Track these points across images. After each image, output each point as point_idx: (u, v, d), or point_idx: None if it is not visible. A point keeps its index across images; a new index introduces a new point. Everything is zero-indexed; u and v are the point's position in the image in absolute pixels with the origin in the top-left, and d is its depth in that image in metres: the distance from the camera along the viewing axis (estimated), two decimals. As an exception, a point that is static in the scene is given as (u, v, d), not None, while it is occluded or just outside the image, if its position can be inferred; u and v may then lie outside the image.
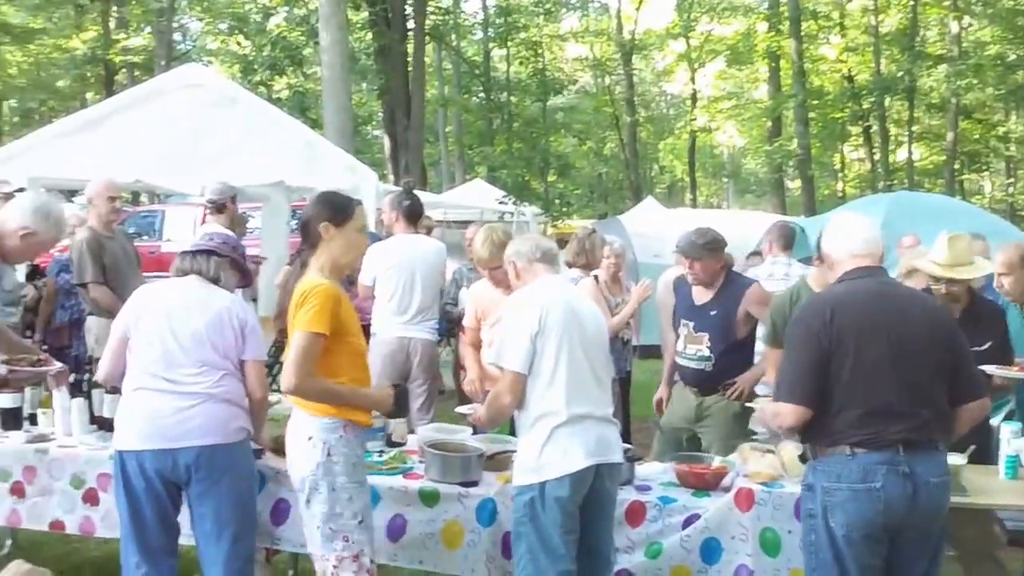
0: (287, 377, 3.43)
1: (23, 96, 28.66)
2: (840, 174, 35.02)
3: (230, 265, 3.92)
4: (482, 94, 28.69)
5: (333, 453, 3.45)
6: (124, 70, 29.30)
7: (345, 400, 3.52)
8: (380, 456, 4.05)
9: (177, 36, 31.28)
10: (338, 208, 3.61)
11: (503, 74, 29.73)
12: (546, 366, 3.50)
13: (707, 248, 5.05)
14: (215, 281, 3.86)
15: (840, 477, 3.20)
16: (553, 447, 3.46)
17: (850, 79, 29.71)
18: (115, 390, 4.31)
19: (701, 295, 5.12)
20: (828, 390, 3.24)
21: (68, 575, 4.84)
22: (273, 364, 5.91)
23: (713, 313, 5.02)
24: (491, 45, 29.60)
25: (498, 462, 4.00)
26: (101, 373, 3.92)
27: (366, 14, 21.55)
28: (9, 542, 5.06)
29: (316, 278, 3.52)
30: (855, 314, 3.28)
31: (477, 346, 5.16)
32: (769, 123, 31.25)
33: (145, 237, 15.47)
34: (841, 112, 29.42)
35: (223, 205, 6.61)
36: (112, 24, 28.83)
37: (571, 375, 3.50)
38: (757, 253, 8.17)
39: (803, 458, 3.48)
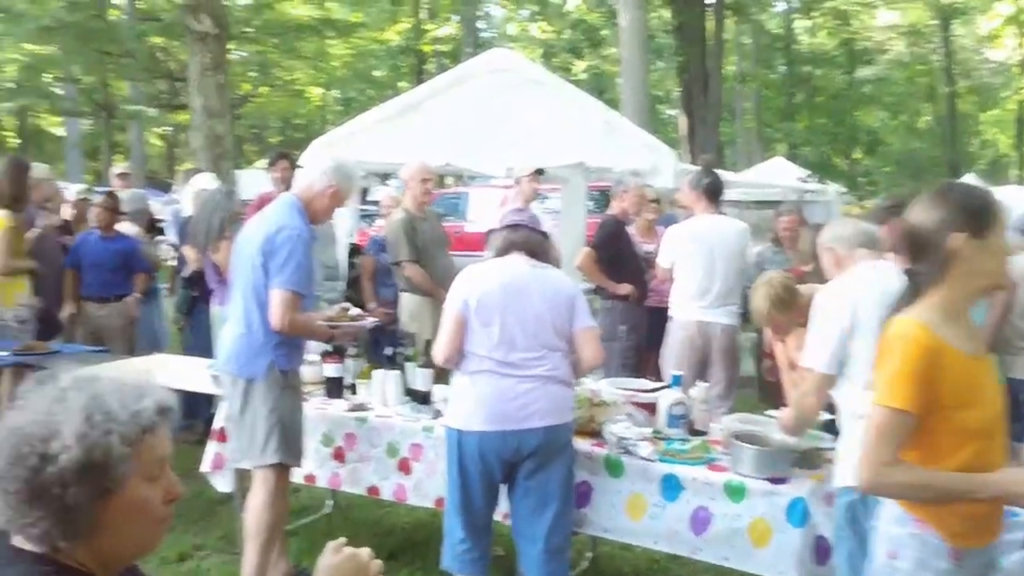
0: (859, 466, 2.42)
1: (344, 86, 30.85)
2: None
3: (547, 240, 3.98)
4: (783, 68, 27.65)
5: (899, 555, 2.43)
6: (433, 59, 30.82)
7: (941, 494, 2.35)
8: (683, 444, 3.94)
9: (481, 24, 32.47)
10: (978, 211, 2.38)
11: (807, 46, 28.47)
12: (863, 363, 3.22)
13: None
14: (539, 255, 3.89)
15: None
16: None
17: None
18: (428, 364, 4.50)
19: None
20: None
21: (380, 538, 5.12)
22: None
23: None
24: (794, 16, 28.43)
25: (810, 459, 3.77)
26: (439, 355, 3.89)
27: (665, -8, 21.34)
28: (330, 503, 5.43)
29: (909, 319, 2.37)
30: None
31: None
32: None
33: (450, 218, 16.15)
34: None
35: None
36: (423, 15, 30.41)
37: None
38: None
39: None
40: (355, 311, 4.94)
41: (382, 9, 28.74)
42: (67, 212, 7.98)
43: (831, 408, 3.48)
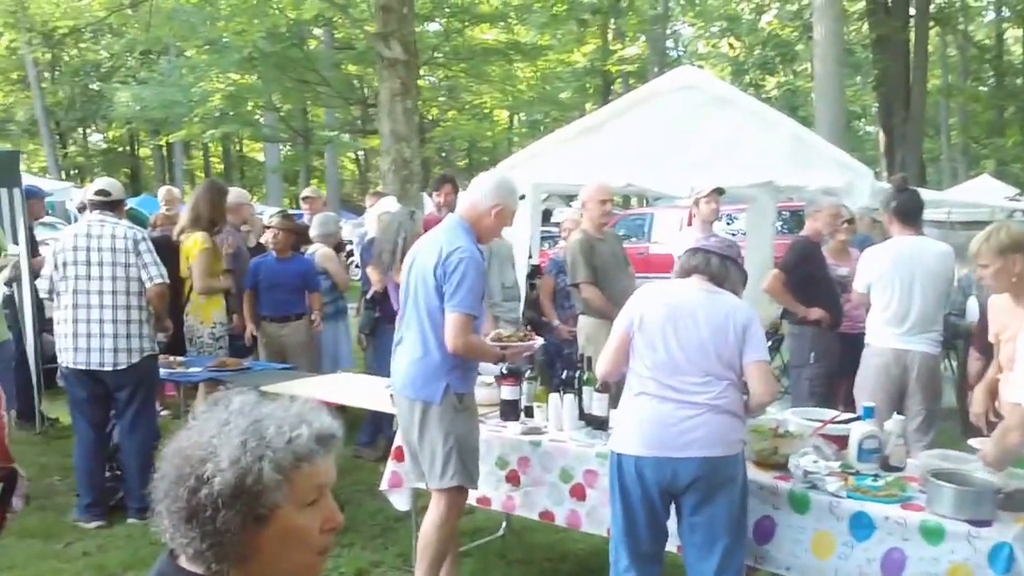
0: None
1: (531, 109, 31.28)
2: None
3: (733, 266, 3.81)
4: (992, 80, 26.05)
5: None
6: (619, 79, 30.79)
7: None
8: (876, 481, 3.67)
9: (669, 43, 32.22)
10: None
11: (1018, 57, 26.74)
12: None
13: None
14: (719, 281, 3.75)
15: None
16: None
17: None
18: (604, 388, 4.39)
19: None
20: None
21: (554, 563, 5.04)
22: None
23: None
24: (1005, 26, 26.78)
25: (1017, 501, 3.43)
26: (600, 371, 3.92)
27: (863, 3, 20.54)
28: (504, 525, 5.39)
29: None
30: None
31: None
32: None
33: (634, 239, 16.02)
34: None
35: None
36: (610, 36, 30.46)
37: None
38: None
39: None
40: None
41: (569, 31, 28.95)
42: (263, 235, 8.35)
43: None
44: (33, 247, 7.85)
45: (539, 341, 4.83)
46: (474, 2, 22.52)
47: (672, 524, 3.77)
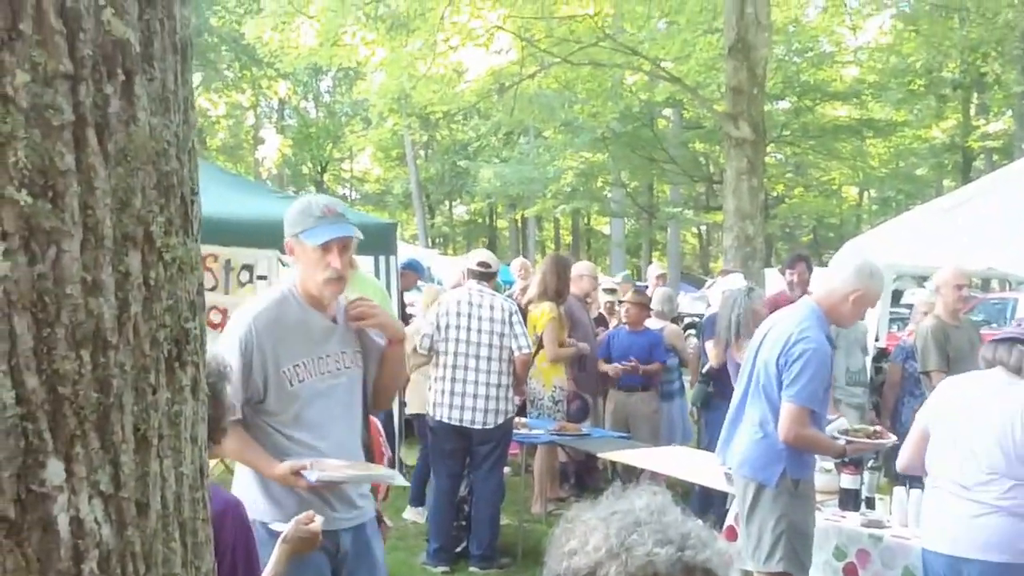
0: None
1: (882, 185, 30.02)
2: None
3: None
4: None
5: None
6: (982, 156, 28.80)
7: None
8: None
9: (1040, 117, 29.70)
10: None
11: None
12: None
13: None
14: (1019, 372, 3.52)
15: None
16: None
17: None
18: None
19: None
20: None
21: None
22: None
23: None
24: None
25: None
26: (900, 462, 3.93)
27: None
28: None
29: None
30: None
31: None
32: None
33: (994, 324, 14.87)
34: None
35: None
36: (972, 111, 28.63)
37: None
38: None
39: None
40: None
41: (927, 106, 27.54)
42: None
43: None
44: (402, 313, 8.58)
45: (892, 440, 4.60)
46: (826, 80, 22.06)
47: None
